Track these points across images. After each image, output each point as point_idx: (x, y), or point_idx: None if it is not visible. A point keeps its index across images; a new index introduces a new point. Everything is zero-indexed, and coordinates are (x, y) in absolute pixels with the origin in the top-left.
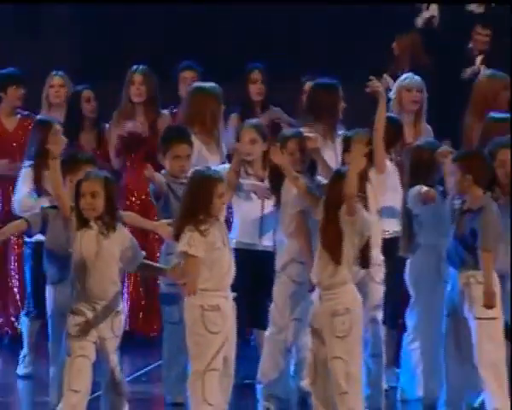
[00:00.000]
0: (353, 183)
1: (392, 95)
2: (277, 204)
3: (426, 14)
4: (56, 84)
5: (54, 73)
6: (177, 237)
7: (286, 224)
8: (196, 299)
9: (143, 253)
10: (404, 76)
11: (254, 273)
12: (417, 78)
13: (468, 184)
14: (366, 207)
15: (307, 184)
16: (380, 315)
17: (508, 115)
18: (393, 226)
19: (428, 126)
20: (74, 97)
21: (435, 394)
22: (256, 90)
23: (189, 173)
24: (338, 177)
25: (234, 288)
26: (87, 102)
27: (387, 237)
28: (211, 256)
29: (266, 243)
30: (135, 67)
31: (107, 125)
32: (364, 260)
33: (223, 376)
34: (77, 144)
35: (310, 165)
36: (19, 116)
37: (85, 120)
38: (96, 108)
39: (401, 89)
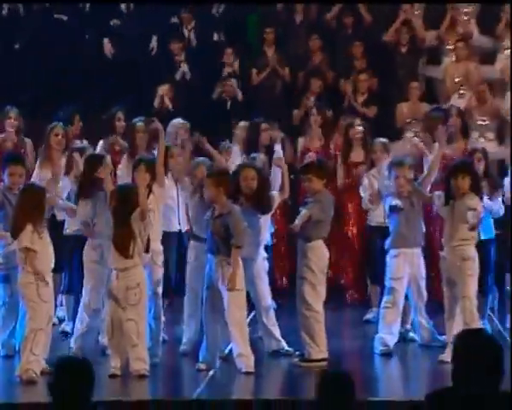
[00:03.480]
0: (145, 198)
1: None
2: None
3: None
4: None
5: None
6: (15, 234)
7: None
8: (32, 278)
9: None
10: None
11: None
12: (182, 121)
13: (219, 195)
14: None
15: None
16: (160, 289)
17: None
18: (174, 224)
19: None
20: None
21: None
22: (120, 125)
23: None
24: (121, 192)
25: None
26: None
27: (167, 230)
28: (44, 249)
29: None
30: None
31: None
32: (146, 246)
33: (46, 333)
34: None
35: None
36: None
37: None
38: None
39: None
